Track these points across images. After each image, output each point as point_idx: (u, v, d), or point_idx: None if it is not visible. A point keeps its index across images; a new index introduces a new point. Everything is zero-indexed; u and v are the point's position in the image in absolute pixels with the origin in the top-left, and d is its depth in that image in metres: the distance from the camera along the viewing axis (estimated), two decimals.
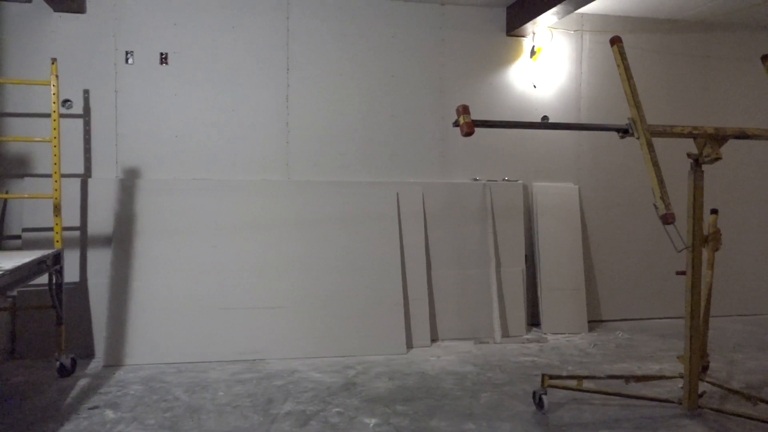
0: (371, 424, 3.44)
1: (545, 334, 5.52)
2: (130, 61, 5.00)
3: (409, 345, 5.04)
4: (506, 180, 5.71)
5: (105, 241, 4.86)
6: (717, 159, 3.41)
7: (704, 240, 3.61)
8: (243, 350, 4.69)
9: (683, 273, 3.61)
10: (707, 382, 3.82)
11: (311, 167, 5.39)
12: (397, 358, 4.76)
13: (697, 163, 3.51)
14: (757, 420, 3.38)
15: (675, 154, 4.21)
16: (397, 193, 5.32)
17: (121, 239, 4.75)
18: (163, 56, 5.05)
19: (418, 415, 3.59)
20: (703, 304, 3.66)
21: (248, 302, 4.81)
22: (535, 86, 5.81)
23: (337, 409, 3.66)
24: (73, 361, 4.30)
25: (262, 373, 4.37)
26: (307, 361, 4.66)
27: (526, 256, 5.65)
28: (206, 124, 5.16)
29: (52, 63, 4.33)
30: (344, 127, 5.44)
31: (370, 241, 5.12)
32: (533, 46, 5.71)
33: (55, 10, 4.84)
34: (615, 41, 3.44)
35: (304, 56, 5.33)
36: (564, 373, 4.32)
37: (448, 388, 4.07)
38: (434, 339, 5.27)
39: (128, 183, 4.88)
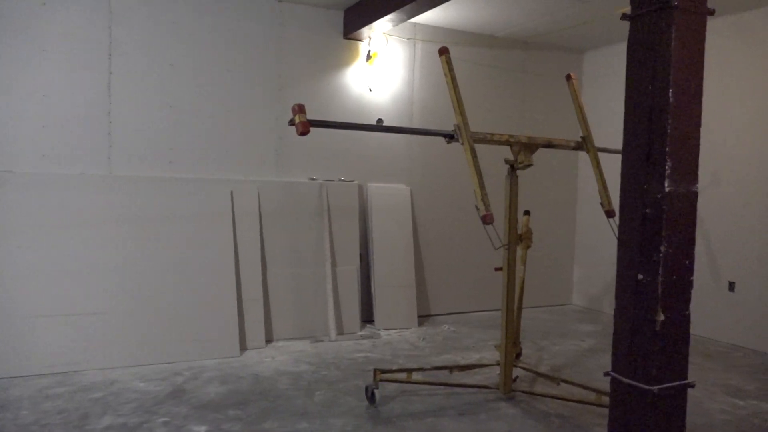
0: None
1: (378, 329, 5.70)
2: None
3: (243, 347, 4.91)
4: (342, 180, 5.80)
5: None
6: (529, 165, 3.77)
7: (518, 239, 3.98)
8: (53, 362, 4.23)
9: (500, 269, 3.95)
10: (520, 367, 4.22)
11: (137, 162, 5.01)
12: (230, 361, 4.61)
13: (512, 168, 3.86)
14: (560, 399, 3.81)
15: (495, 159, 4.58)
16: (231, 191, 5.14)
17: None
18: None
19: (251, 418, 3.51)
20: (516, 297, 4.02)
21: (60, 309, 4.35)
22: (370, 89, 5.98)
23: (163, 419, 3.45)
24: None
25: (76, 386, 3.97)
26: (131, 369, 4.34)
27: (360, 254, 5.79)
28: (9, 109, 4.55)
29: None
30: (175, 121, 5.14)
31: (201, 241, 4.89)
32: (369, 51, 5.87)
33: None
34: (443, 51, 3.64)
35: (130, 42, 4.94)
36: (395, 367, 4.49)
37: (282, 388, 4.03)
38: (269, 340, 5.19)
39: None
